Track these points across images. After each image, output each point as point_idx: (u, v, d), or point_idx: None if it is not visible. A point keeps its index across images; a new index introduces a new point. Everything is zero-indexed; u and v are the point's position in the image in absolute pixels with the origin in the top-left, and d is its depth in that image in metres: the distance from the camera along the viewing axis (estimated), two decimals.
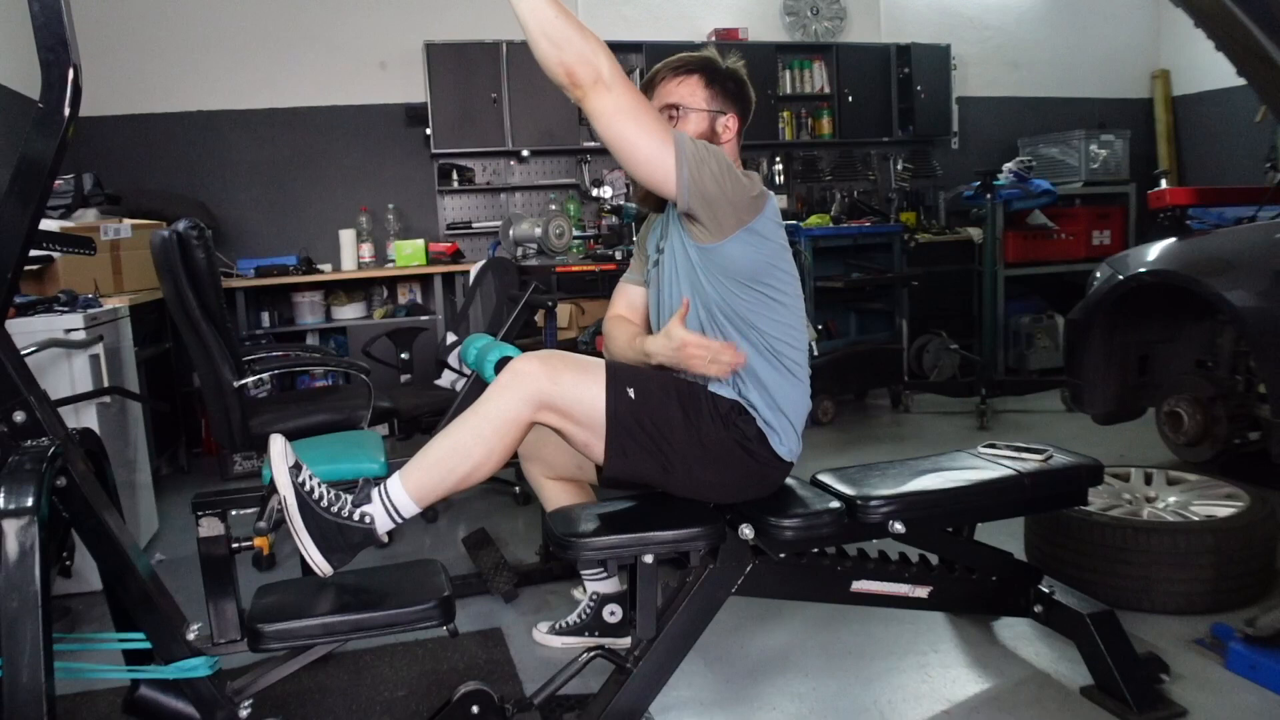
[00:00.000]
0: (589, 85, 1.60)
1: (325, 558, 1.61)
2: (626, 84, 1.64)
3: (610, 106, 1.62)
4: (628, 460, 1.76)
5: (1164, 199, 4.04)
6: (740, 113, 1.97)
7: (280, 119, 5.13)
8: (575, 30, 1.59)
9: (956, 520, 2.01)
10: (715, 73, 1.94)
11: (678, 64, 1.95)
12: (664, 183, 1.70)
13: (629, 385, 1.75)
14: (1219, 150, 6.10)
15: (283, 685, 1.84)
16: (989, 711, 1.92)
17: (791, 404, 1.86)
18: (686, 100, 1.91)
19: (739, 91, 1.96)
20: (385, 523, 1.67)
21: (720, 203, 1.73)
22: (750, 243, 1.79)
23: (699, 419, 1.78)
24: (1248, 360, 3.12)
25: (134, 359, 3.37)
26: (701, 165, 1.69)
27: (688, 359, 1.80)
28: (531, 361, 1.72)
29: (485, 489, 3.78)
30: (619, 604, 2.31)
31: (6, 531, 1.29)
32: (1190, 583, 2.22)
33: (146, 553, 2.56)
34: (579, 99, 1.63)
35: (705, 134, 1.90)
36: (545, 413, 1.71)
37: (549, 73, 1.62)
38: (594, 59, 1.59)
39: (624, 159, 1.71)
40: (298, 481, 1.61)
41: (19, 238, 1.42)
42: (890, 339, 4.89)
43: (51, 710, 1.29)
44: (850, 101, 5.75)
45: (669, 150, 1.67)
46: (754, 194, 1.78)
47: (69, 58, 1.35)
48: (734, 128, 1.96)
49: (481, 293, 3.97)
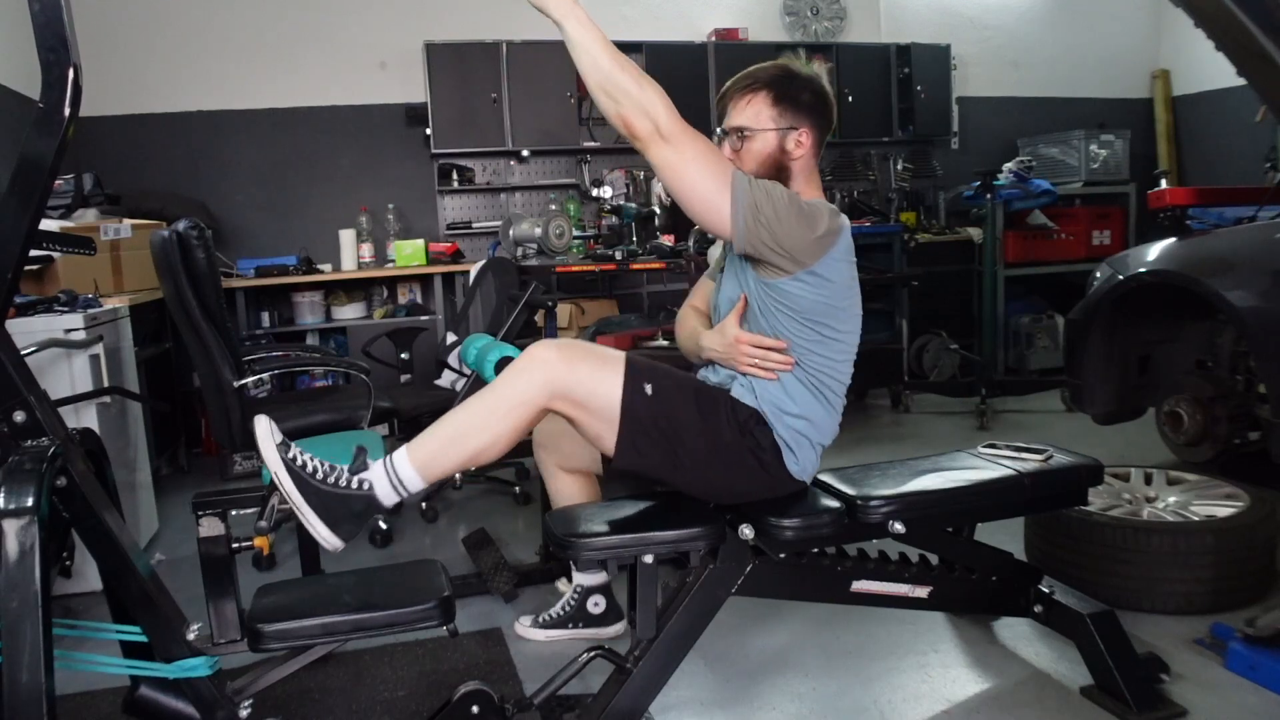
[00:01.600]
0: (647, 138, 1.62)
1: (332, 530, 1.60)
2: (685, 132, 1.64)
3: (670, 159, 1.64)
4: (639, 455, 1.76)
5: (1164, 199, 4.03)
6: (816, 124, 1.87)
7: (280, 119, 5.13)
8: (633, 82, 1.60)
9: (956, 520, 2.01)
10: (786, 86, 1.86)
11: (746, 81, 1.88)
12: (719, 228, 1.71)
13: (647, 381, 1.75)
14: (1219, 150, 6.10)
15: (283, 685, 1.84)
16: (989, 711, 1.92)
17: (818, 429, 1.86)
18: (751, 122, 1.85)
19: (815, 103, 1.87)
20: (389, 494, 1.65)
21: (776, 250, 1.71)
22: (810, 284, 1.75)
23: (715, 422, 1.78)
24: (1248, 360, 3.12)
25: (134, 359, 3.37)
26: (757, 213, 1.67)
27: (739, 355, 1.81)
28: (549, 348, 1.72)
29: (485, 489, 3.78)
30: (603, 595, 2.33)
31: (6, 531, 1.29)
32: (1190, 583, 2.22)
33: (146, 553, 2.56)
34: (640, 150, 1.65)
35: (775, 153, 1.84)
36: (559, 400, 1.71)
37: (609, 122, 1.66)
38: (651, 111, 1.60)
39: (683, 205, 1.72)
40: (288, 457, 1.60)
41: (19, 238, 1.42)
42: (890, 339, 4.89)
43: (51, 710, 1.29)
44: (850, 101, 5.74)
45: (725, 197, 1.66)
46: (817, 235, 1.72)
47: (69, 58, 1.35)
48: (808, 143, 1.87)
49: (481, 293, 3.97)
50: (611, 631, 2.31)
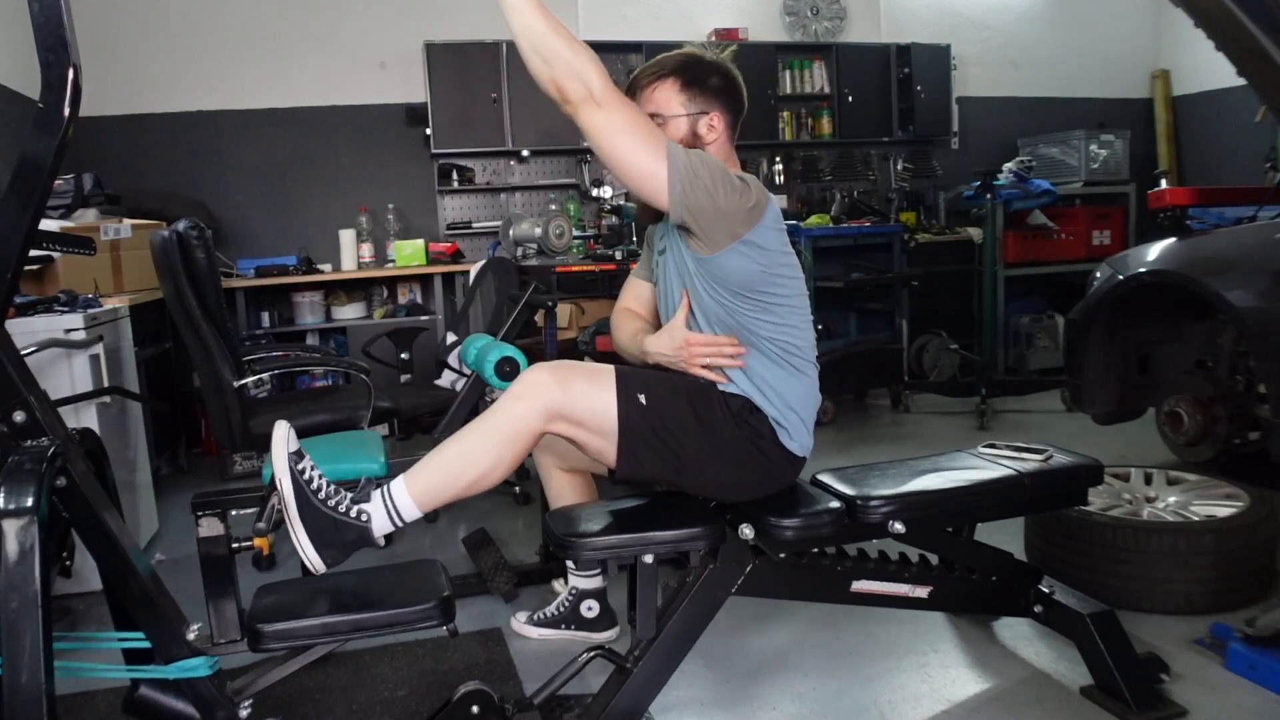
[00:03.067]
0: (579, 102, 1.60)
1: (318, 552, 1.59)
2: (618, 99, 1.63)
3: (601, 123, 1.62)
4: (640, 465, 1.76)
5: (1164, 199, 4.04)
6: (727, 107, 1.89)
7: (280, 119, 5.13)
8: (566, 45, 1.58)
9: (956, 520, 2.01)
10: (693, 71, 1.87)
11: (653, 69, 1.90)
12: (655, 196, 1.69)
13: (640, 392, 1.75)
14: (1219, 150, 6.10)
15: (283, 685, 1.84)
16: (989, 711, 1.92)
17: (799, 399, 1.85)
18: (663, 107, 1.87)
19: (724, 87, 1.89)
20: (384, 524, 1.65)
21: (713, 217, 1.71)
22: (747, 254, 1.76)
23: (711, 419, 1.78)
24: (1248, 360, 3.12)
25: (134, 359, 3.37)
26: (695, 179, 1.67)
27: (690, 358, 1.80)
28: (542, 372, 1.72)
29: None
30: (597, 600, 2.33)
31: (6, 531, 1.29)
32: (1190, 583, 2.22)
33: (146, 553, 2.55)
34: (570, 114, 1.63)
35: (687, 138, 1.85)
36: (557, 422, 1.71)
37: (541, 87, 1.63)
38: (584, 74, 1.59)
39: (617, 173, 1.71)
40: (297, 469, 1.60)
41: (19, 238, 1.42)
42: (890, 339, 4.89)
43: (51, 710, 1.29)
44: (850, 101, 5.75)
45: (661, 164, 1.66)
46: (749, 205, 1.74)
47: (69, 58, 1.35)
48: (720, 127, 1.89)
49: (481, 293, 3.98)
50: (603, 637, 2.30)
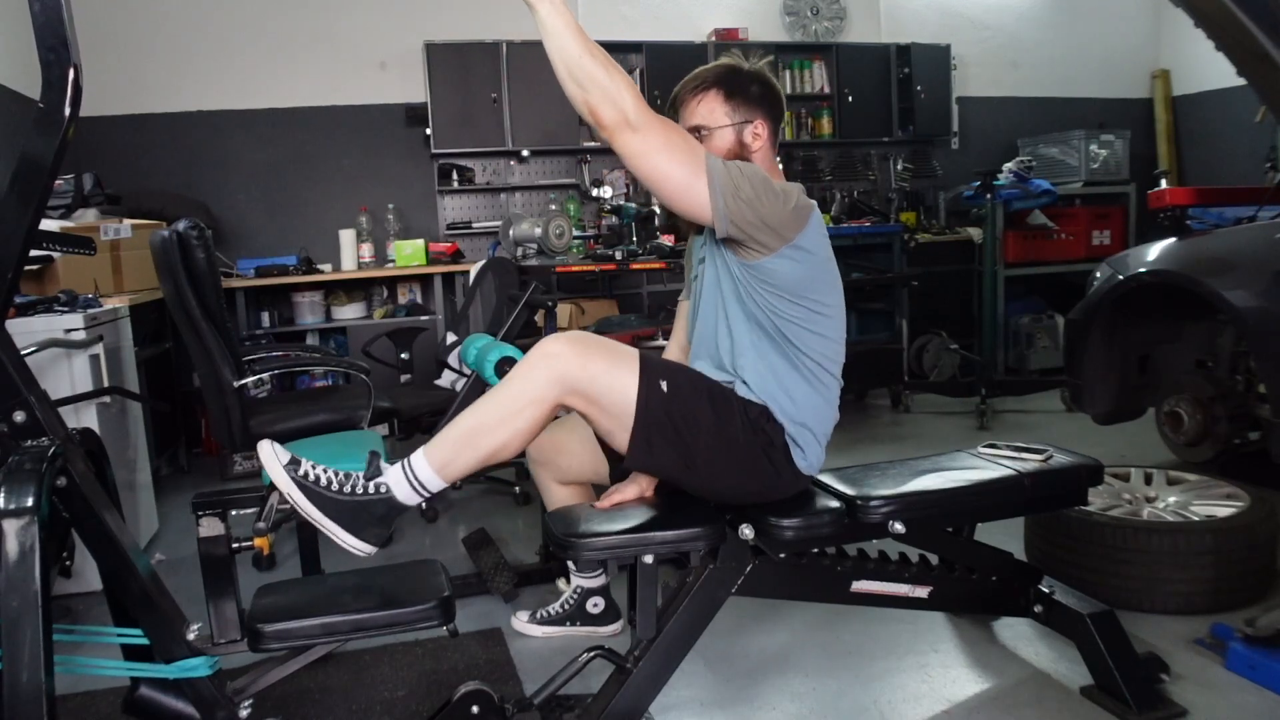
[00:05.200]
0: (614, 127, 1.60)
1: (358, 538, 1.60)
2: (653, 120, 1.62)
3: (637, 147, 1.62)
4: (651, 454, 1.74)
5: (1164, 199, 4.03)
6: (769, 116, 1.91)
7: (280, 119, 5.13)
8: (602, 69, 1.57)
9: (956, 520, 2.01)
10: (734, 82, 1.88)
11: (695, 82, 1.91)
12: (699, 213, 1.69)
13: (662, 378, 1.73)
14: (1219, 150, 6.10)
15: (283, 685, 1.84)
16: (989, 711, 1.92)
17: (817, 416, 1.85)
18: (708, 119, 1.87)
19: (764, 94, 1.90)
20: (409, 495, 1.65)
21: (758, 226, 1.70)
22: (795, 259, 1.76)
23: (729, 421, 1.76)
24: (1248, 360, 3.12)
25: (134, 359, 3.37)
26: (736, 191, 1.66)
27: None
28: (561, 342, 1.69)
29: (485, 489, 3.78)
30: (602, 596, 2.33)
31: (6, 531, 1.29)
32: (1190, 583, 2.22)
33: (146, 553, 2.55)
34: (607, 139, 1.63)
35: (734, 147, 1.86)
36: (572, 396, 1.69)
37: (577, 110, 1.62)
38: (619, 99, 1.58)
39: (658, 194, 1.71)
40: (298, 475, 1.60)
41: (19, 238, 1.42)
42: (890, 339, 4.89)
43: (51, 710, 1.29)
44: (850, 101, 5.75)
45: (700, 180, 1.65)
46: (792, 209, 1.74)
47: (69, 58, 1.35)
48: (764, 134, 1.90)
49: (481, 293, 3.97)
50: (608, 630, 2.32)
